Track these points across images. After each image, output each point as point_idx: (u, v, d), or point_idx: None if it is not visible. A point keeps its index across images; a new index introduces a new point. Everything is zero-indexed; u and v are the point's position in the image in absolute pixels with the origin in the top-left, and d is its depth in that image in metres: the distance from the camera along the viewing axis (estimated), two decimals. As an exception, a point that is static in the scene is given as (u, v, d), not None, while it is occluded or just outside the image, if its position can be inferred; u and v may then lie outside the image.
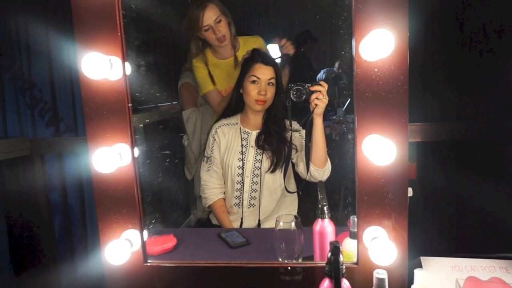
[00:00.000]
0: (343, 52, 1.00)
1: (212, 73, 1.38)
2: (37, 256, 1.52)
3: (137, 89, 0.97)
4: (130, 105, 0.88)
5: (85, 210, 1.65)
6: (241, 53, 1.35)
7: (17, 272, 1.52)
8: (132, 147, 0.90)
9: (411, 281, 0.78)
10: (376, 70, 0.79)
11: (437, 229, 1.44)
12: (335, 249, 0.66)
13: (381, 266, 0.79)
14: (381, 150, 0.78)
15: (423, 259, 0.90)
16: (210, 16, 1.28)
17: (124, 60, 0.87)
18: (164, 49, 1.53)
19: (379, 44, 0.74)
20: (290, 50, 1.30)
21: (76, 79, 1.55)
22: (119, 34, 0.85)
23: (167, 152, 1.39)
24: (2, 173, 1.46)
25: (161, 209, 1.23)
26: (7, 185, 1.46)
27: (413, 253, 0.87)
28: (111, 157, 0.85)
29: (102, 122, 0.88)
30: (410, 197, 0.84)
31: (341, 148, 1.28)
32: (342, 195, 1.18)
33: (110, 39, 0.85)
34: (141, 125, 1.18)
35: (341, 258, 0.67)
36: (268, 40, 1.38)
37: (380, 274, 0.69)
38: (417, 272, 0.73)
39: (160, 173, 1.29)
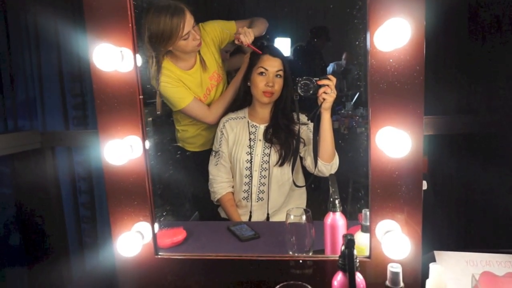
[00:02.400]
0: (357, 42, 0.98)
1: (186, 84, 1.26)
2: (48, 248, 1.54)
3: (148, 81, 0.96)
4: (141, 97, 0.88)
5: (95, 202, 1.66)
6: (204, 50, 1.26)
7: (29, 265, 1.54)
8: (143, 139, 0.90)
9: (424, 275, 0.77)
10: (391, 60, 0.78)
11: (448, 223, 1.42)
12: (350, 242, 0.65)
13: (394, 260, 0.79)
14: (396, 142, 0.76)
15: (437, 253, 0.89)
16: (190, 22, 1.17)
17: (135, 51, 0.86)
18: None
19: (394, 34, 0.73)
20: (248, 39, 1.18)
21: (85, 71, 1.55)
22: (130, 25, 0.85)
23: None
24: (13, 166, 1.47)
25: (171, 202, 1.23)
26: (19, 178, 1.47)
27: (425, 247, 0.86)
28: (122, 149, 0.85)
29: (113, 114, 0.88)
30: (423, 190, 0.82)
31: (350, 142, 1.26)
32: (354, 189, 1.17)
33: (121, 30, 0.85)
34: (150, 118, 1.17)
35: (355, 252, 0.66)
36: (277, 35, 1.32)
37: (394, 268, 0.69)
38: (432, 266, 0.72)
39: (171, 165, 1.28)
